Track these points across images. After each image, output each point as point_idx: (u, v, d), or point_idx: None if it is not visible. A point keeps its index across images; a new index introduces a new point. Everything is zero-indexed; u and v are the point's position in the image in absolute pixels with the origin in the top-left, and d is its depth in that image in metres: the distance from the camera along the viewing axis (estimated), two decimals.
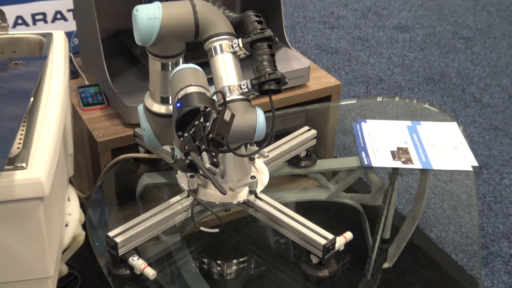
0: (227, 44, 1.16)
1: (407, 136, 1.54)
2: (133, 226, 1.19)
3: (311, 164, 1.51)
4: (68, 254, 1.25)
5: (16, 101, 1.05)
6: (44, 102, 1.11)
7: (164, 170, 1.49)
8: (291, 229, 1.20)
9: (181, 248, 1.33)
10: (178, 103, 1.04)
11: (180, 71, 1.12)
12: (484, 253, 1.78)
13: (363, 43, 2.99)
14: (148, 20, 1.13)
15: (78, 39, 1.84)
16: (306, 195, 1.51)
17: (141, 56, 1.68)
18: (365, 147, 1.50)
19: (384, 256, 1.32)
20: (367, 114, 1.71)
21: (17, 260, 0.99)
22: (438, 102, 2.53)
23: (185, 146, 1.00)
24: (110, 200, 1.48)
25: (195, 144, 0.99)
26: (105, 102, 1.64)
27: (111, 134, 1.53)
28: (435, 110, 1.72)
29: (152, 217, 1.22)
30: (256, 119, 1.13)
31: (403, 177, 1.54)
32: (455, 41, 3.03)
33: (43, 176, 0.94)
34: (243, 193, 1.26)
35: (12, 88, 1.11)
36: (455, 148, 1.50)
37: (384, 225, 1.37)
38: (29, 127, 1.04)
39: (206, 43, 1.18)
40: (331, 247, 1.16)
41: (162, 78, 1.22)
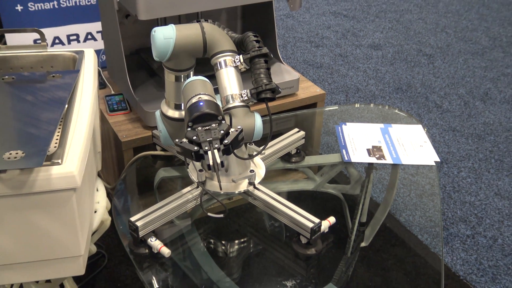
0: (230, 60, 1.16)
1: (380, 137, 1.53)
2: (151, 212, 1.18)
3: (300, 160, 1.50)
4: (97, 236, 1.24)
5: (53, 108, 1.04)
6: (77, 108, 1.10)
7: (177, 165, 1.48)
8: (284, 215, 1.19)
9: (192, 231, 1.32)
10: (200, 102, 1.03)
11: (191, 82, 1.11)
12: (444, 234, 1.77)
13: (343, 59, 2.98)
14: (164, 39, 1.12)
15: (105, 55, 1.83)
16: (296, 186, 1.51)
17: (158, 69, 1.68)
18: (345, 145, 1.49)
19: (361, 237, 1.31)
20: (347, 118, 1.71)
21: (54, 241, 0.98)
22: (406, 108, 2.52)
23: (194, 136, 0.99)
24: (132, 190, 1.47)
25: (207, 140, 0.98)
26: (128, 108, 1.64)
27: (133, 135, 1.52)
28: (403, 114, 1.71)
29: (167, 204, 1.21)
30: (255, 122, 1.13)
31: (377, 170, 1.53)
32: (419, 57, 3.02)
33: (75, 170, 0.93)
34: (243, 184, 1.25)
35: (50, 97, 1.10)
36: (420, 147, 1.49)
37: (361, 210, 1.36)
38: (64, 129, 1.03)
39: (212, 59, 1.17)
40: (317, 230, 1.15)
41: (176, 88, 1.21)
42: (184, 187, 1.26)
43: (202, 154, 0.98)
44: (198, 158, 0.99)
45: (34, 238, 0.97)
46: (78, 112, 1.09)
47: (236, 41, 1.21)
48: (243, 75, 1.20)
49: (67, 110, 1.09)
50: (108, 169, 1.74)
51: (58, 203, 0.95)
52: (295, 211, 1.19)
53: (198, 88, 1.09)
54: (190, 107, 1.03)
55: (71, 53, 1.31)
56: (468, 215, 1.87)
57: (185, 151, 1.00)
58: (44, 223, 0.96)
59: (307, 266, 1.19)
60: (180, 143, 0.98)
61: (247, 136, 1.14)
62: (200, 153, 0.98)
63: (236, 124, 1.12)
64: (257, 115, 1.14)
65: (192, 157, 1.00)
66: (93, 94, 1.17)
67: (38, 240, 0.97)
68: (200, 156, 0.99)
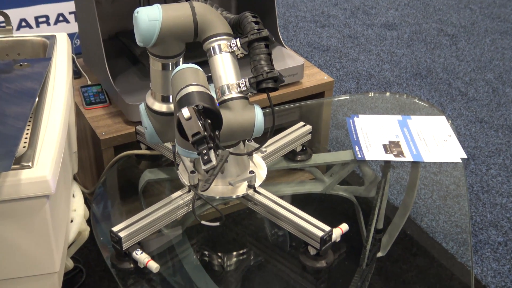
0: (226, 44, 1.15)
1: (398, 130, 1.53)
2: (136, 221, 1.18)
3: (307, 158, 1.50)
4: (74, 248, 1.24)
5: (22, 101, 1.03)
6: (49, 102, 1.09)
7: (165, 166, 1.48)
8: (289, 222, 1.19)
9: (183, 241, 1.32)
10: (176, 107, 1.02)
11: (181, 71, 1.10)
12: (473, 241, 1.77)
13: (353, 40, 2.98)
14: (149, 22, 1.11)
15: (80, 40, 1.82)
16: (302, 188, 1.51)
17: (142, 56, 1.67)
18: (358, 141, 1.49)
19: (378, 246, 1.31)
20: (359, 109, 1.70)
21: (25, 257, 0.98)
22: (426, 96, 2.52)
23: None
24: (113, 195, 1.47)
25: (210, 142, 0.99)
26: (107, 101, 1.63)
27: (113, 131, 1.51)
28: (424, 104, 1.71)
29: (155, 212, 1.20)
30: (255, 116, 1.12)
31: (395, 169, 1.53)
32: (440, 37, 3.02)
33: (48, 174, 0.93)
34: (242, 187, 1.24)
35: (17, 89, 1.09)
36: (444, 141, 1.49)
37: (377, 216, 1.36)
38: (35, 126, 1.03)
39: (205, 44, 1.16)
40: (328, 239, 1.15)
41: (163, 78, 1.20)
42: (174, 191, 1.26)
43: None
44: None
45: (1, 253, 0.96)
46: (50, 106, 1.08)
47: (232, 22, 1.20)
48: (241, 62, 1.19)
49: (38, 104, 1.09)
50: (86, 171, 1.74)
51: (29, 213, 0.94)
52: (301, 217, 1.19)
53: (189, 77, 1.08)
54: (180, 100, 1.03)
55: (40, 38, 1.30)
56: (500, 219, 1.87)
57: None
58: (13, 235, 0.96)
59: (316, 281, 1.19)
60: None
61: (247, 132, 1.13)
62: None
63: (233, 118, 1.11)
64: (258, 108, 1.14)
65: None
66: (67, 85, 1.16)
67: (6, 256, 0.97)
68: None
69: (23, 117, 0.98)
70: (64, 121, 1.07)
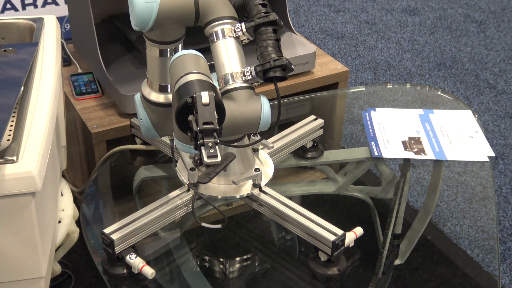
0: (230, 29, 1.15)
1: (419, 125, 1.53)
2: (130, 223, 1.18)
3: (318, 155, 1.50)
4: (62, 252, 1.24)
5: (6, 91, 1.04)
6: (35, 91, 1.10)
7: (162, 163, 1.49)
8: (298, 225, 1.19)
9: (181, 245, 1.32)
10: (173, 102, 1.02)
11: (180, 57, 1.10)
12: (501, 248, 1.77)
13: (370, 27, 2.98)
14: (146, 3, 1.11)
15: (70, 24, 1.83)
16: (313, 188, 1.51)
17: (137, 41, 1.67)
18: (374, 137, 1.49)
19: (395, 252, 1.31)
20: (376, 102, 1.70)
21: (8, 260, 0.98)
22: (451, 88, 2.51)
23: (194, 145, 0.99)
24: (106, 194, 1.48)
25: (197, 143, 0.97)
26: (99, 90, 1.64)
27: (106, 124, 1.52)
28: (448, 97, 1.71)
29: (150, 212, 1.21)
30: (261, 108, 1.12)
31: (415, 168, 1.53)
32: (467, 24, 3.01)
33: (34, 170, 0.93)
34: (246, 186, 1.25)
35: (1, 77, 1.10)
36: (470, 138, 1.49)
37: (395, 219, 1.36)
38: (20, 118, 1.03)
39: (207, 28, 1.17)
40: (340, 244, 1.15)
41: (160, 65, 1.20)
42: (172, 190, 1.26)
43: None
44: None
45: None
46: (37, 96, 1.09)
47: (237, 5, 1.20)
48: (246, 48, 1.19)
49: (23, 93, 1.09)
50: (75, 168, 1.75)
51: (13, 211, 0.95)
52: (311, 220, 1.19)
53: (189, 65, 1.08)
54: (179, 90, 1.03)
55: (27, 21, 1.31)
56: None
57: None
58: None
59: None
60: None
61: (252, 126, 1.14)
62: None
63: (237, 110, 1.11)
64: (264, 99, 1.14)
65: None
66: (55, 73, 1.16)
67: None
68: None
69: (6, 108, 0.98)
70: (52, 112, 1.08)
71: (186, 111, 1.01)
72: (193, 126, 0.99)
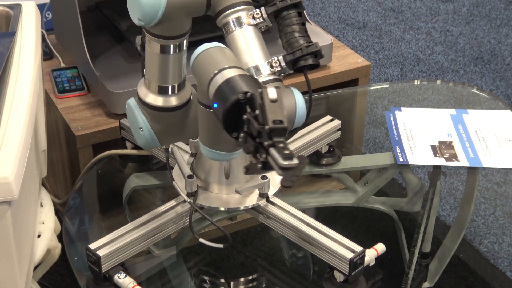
0: (248, 15, 1.16)
1: (451, 128, 1.54)
2: (119, 237, 1.19)
3: (335, 161, 1.50)
4: (41, 271, 1.25)
5: None
6: (12, 88, 1.10)
7: (156, 170, 1.49)
8: (310, 240, 1.20)
9: (177, 264, 1.33)
10: (215, 101, 1.02)
11: (205, 52, 1.10)
12: None
13: (396, 15, 2.98)
14: None
15: (52, 12, 1.84)
16: (329, 200, 1.51)
17: (128, 32, 1.68)
18: (400, 140, 1.50)
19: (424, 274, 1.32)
20: (403, 101, 1.71)
21: None
22: (489, 86, 2.51)
23: (248, 147, 0.97)
24: (92, 206, 1.48)
25: (256, 142, 0.95)
26: (85, 88, 1.64)
27: (92, 126, 1.53)
28: (485, 96, 1.71)
29: (142, 226, 1.21)
30: (295, 101, 1.12)
31: (446, 177, 1.54)
32: (508, 12, 3.01)
33: (11, 175, 0.94)
34: (252, 196, 1.25)
35: None
36: (510, 142, 1.49)
37: (423, 236, 1.37)
38: None
39: (220, 17, 1.16)
40: (359, 262, 1.15)
41: (161, 63, 1.20)
42: (166, 200, 1.27)
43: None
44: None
45: None
46: (13, 93, 1.09)
47: None
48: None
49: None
50: (57, 176, 1.76)
51: None
52: (326, 235, 1.19)
53: (219, 59, 1.08)
54: (222, 88, 1.02)
55: (2, 8, 1.32)
56: None
57: (256, 171, 0.94)
58: None
59: None
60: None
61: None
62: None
63: None
64: (297, 92, 1.13)
65: (269, 170, 0.94)
66: (34, 68, 1.17)
67: None
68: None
69: None
70: (31, 112, 1.08)
71: (235, 111, 0.99)
72: (251, 126, 0.96)
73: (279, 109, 0.95)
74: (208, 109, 1.12)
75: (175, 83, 1.21)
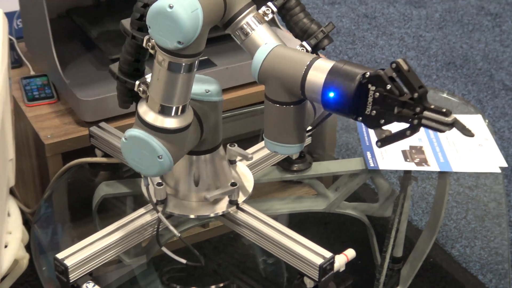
0: (259, 15, 1.17)
1: (422, 133, 1.54)
2: (87, 246, 1.18)
3: (305, 167, 1.50)
4: (8, 282, 1.24)
5: None
6: None
7: (126, 177, 1.48)
8: (281, 247, 1.19)
9: (148, 272, 1.32)
10: (330, 91, 1.05)
11: (272, 54, 1.11)
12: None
13: (370, 21, 2.99)
14: (192, 13, 1.08)
15: (22, 20, 1.83)
16: (300, 206, 1.51)
17: (98, 39, 1.68)
18: (370, 146, 1.50)
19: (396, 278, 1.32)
20: None
21: None
22: (461, 91, 2.53)
23: (378, 121, 1.03)
24: (61, 215, 1.48)
25: (396, 114, 1.01)
26: (55, 96, 1.64)
27: (61, 134, 1.52)
28: (456, 100, 1.72)
29: (111, 234, 1.21)
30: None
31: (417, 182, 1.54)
32: (480, 17, 3.04)
33: None
34: (222, 204, 1.25)
35: None
36: (479, 146, 1.50)
37: (395, 240, 1.37)
38: None
39: (233, 24, 1.16)
40: (329, 268, 1.15)
41: (185, 83, 1.14)
42: (136, 208, 1.26)
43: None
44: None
45: None
46: None
47: None
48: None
49: None
50: (27, 185, 1.75)
51: None
52: (297, 241, 1.19)
53: (297, 55, 1.10)
54: (335, 78, 1.05)
55: None
56: None
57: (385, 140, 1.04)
58: None
59: None
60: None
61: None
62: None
63: None
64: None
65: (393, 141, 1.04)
66: (2, 76, 1.17)
67: None
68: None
69: None
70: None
71: (358, 93, 1.04)
72: (388, 100, 1.01)
73: (415, 76, 1.01)
74: (279, 105, 1.12)
75: (188, 100, 1.18)
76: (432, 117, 0.99)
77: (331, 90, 1.05)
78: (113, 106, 1.53)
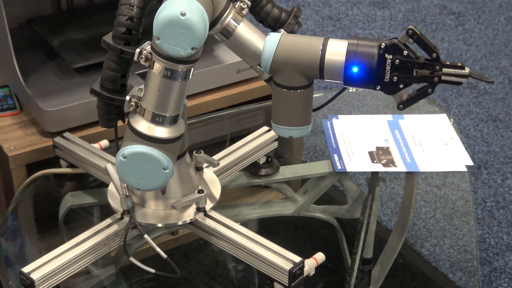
0: (239, 9, 1.19)
1: (388, 133, 1.55)
2: (54, 258, 1.17)
3: (273, 172, 1.50)
4: None
5: None
6: None
7: (92, 188, 1.47)
8: (250, 253, 1.19)
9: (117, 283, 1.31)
10: (352, 67, 1.12)
11: (283, 42, 1.15)
12: (486, 269, 1.79)
13: (334, 23, 3.00)
14: (201, 17, 1.08)
15: None
16: (269, 210, 1.51)
17: (60, 48, 1.66)
18: (337, 148, 1.50)
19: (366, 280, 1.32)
20: (341, 108, 1.72)
21: None
22: None
23: (397, 85, 1.11)
24: (27, 227, 1.46)
25: (415, 76, 1.10)
26: (17, 107, 1.62)
27: (25, 145, 1.51)
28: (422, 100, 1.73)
29: (78, 245, 1.19)
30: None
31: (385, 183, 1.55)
32: (443, 17, 3.06)
33: None
34: (189, 211, 1.24)
35: None
36: (445, 145, 1.51)
37: (364, 241, 1.37)
38: None
39: (218, 23, 1.17)
40: (298, 272, 1.15)
41: (182, 90, 1.15)
42: (104, 218, 1.25)
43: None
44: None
45: None
46: None
47: None
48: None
49: None
50: None
51: None
52: (266, 247, 1.19)
53: (305, 39, 1.16)
54: (354, 55, 1.11)
55: None
56: None
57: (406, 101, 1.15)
58: None
59: None
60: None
61: None
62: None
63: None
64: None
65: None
66: None
67: None
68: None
69: None
70: None
71: (378, 63, 1.11)
72: (408, 64, 1.09)
73: (427, 39, 1.10)
74: (294, 90, 1.19)
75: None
76: (451, 72, 1.09)
77: (354, 65, 1.13)
78: (77, 115, 1.53)
